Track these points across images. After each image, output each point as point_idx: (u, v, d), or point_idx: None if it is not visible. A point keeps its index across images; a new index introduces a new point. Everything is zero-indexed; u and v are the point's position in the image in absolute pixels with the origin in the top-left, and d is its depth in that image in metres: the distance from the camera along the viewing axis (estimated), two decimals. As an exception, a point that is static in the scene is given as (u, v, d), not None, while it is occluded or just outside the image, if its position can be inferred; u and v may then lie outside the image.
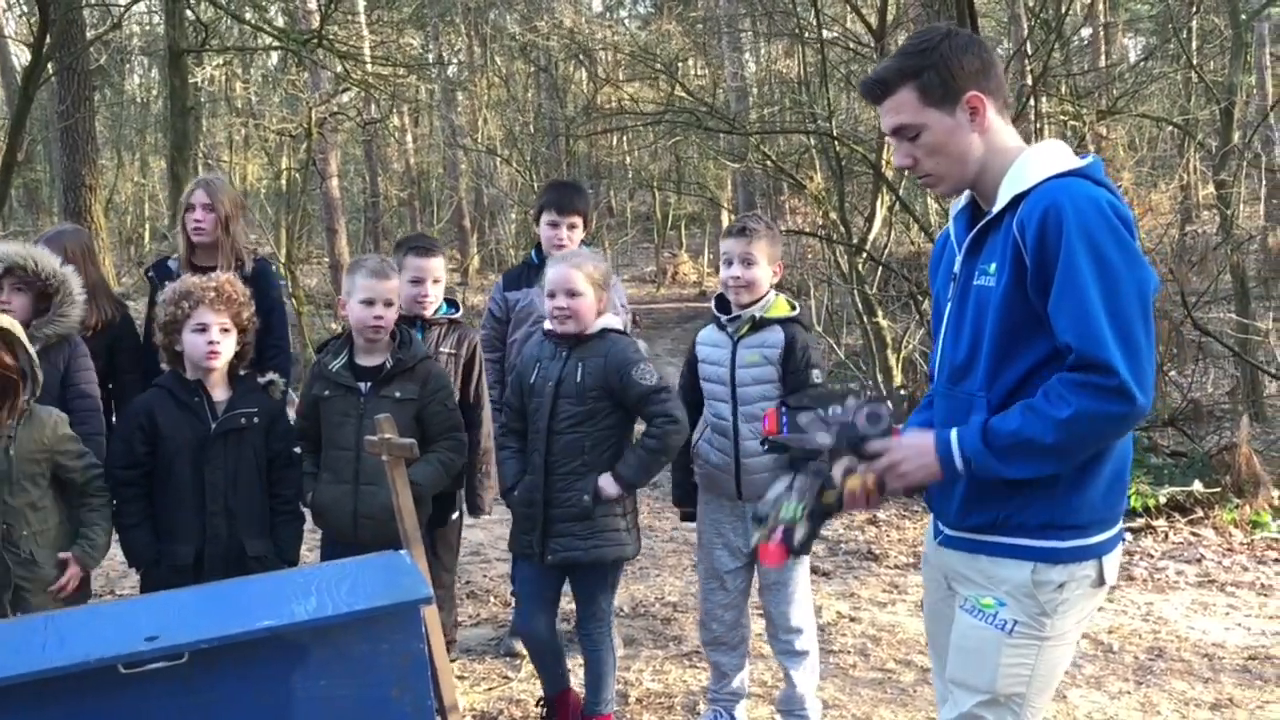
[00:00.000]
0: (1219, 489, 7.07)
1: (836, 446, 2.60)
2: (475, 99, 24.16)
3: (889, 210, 10.97)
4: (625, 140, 25.93)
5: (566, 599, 4.43)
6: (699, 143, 18.86)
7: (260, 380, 4.25)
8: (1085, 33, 18.64)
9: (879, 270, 10.90)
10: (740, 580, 4.33)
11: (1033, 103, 9.03)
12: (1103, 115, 11.65)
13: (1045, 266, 2.38)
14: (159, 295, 4.33)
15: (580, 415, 4.07)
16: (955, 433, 2.48)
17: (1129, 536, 6.70)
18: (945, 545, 2.67)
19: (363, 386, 4.22)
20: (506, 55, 24.30)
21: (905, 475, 2.55)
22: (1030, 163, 2.49)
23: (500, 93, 24.13)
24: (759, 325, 4.18)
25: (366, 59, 14.98)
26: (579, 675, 4.40)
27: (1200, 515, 6.96)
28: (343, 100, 17.87)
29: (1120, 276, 2.34)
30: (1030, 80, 9.38)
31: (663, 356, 15.00)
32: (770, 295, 4.23)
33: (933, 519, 2.76)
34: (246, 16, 13.62)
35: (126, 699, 2.67)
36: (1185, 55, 13.60)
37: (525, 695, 4.72)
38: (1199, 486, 7.07)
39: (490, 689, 4.85)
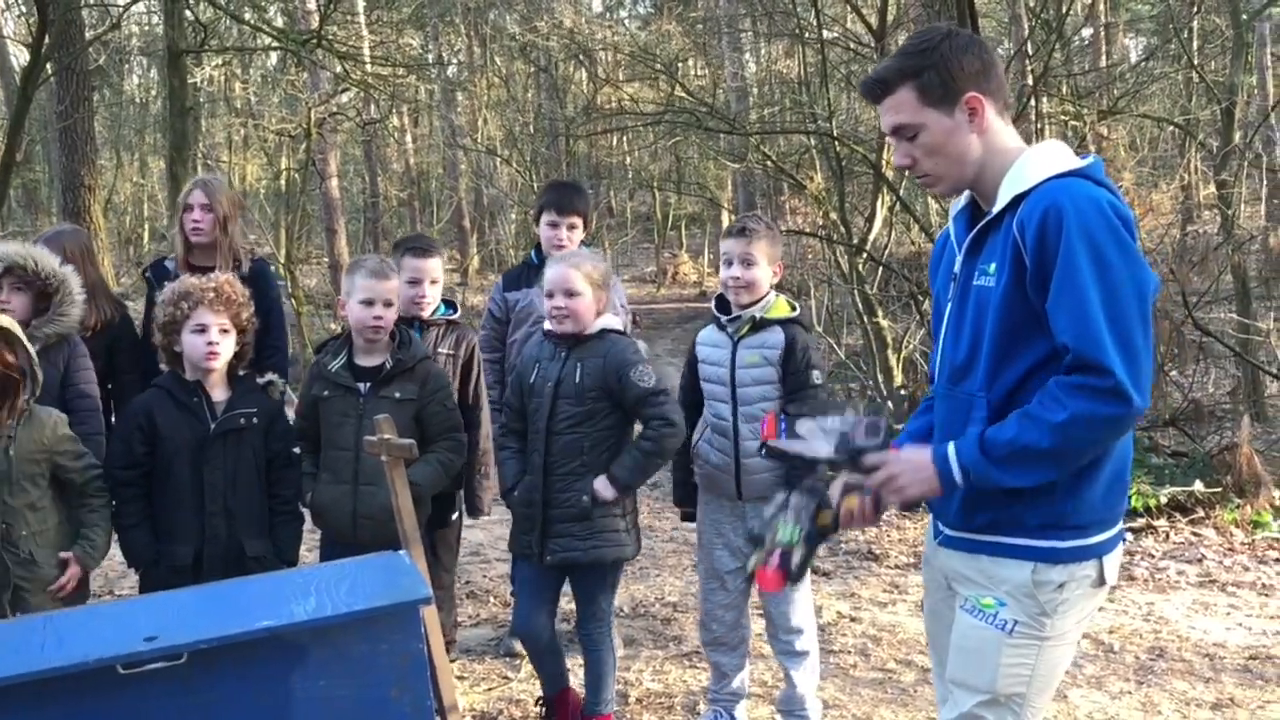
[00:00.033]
0: (1220, 489, 7.06)
1: (834, 458, 2.59)
2: (475, 99, 24.16)
3: (889, 210, 10.96)
4: (625, 140, 25.94)
5: (566, 599, 4.42)
6: (699, 143, 18.86)
7: (259, 380, 4.25)
8: (1086, 33, 18.63)
9: (879, 270, 10.89)
10: (740, 580, 4.31)
11: (1033, 103, 9.01)
12: (1103, 115, 11.64)
13: (1044, 266, 2.38)
14: (157, 295, 4.33)
15: (579, 416, 4.06)
16: (952, 445, 2.48)
17: (1130, 536, 6.70)
18: (945, 545, 2.66)
19: (362, 387, 4.21)
20: (506, 55, 24.30)
21: (903, 489, 2.55)
22: (1030, 163, 2.49)
23: (500, 93, 24.14)
24: (759, 326, 4.17)
25: (366, 59, 14.99)
26: (579, 675, 4.40)
27: (1201, 515, 6.96)
28: (342, 100, 17.88)
29: (1119, 277, 2.34)
30: (1031, 80, 9.37)
31: (663, 357, 14.97)
32: (770, 296, 4.22)
33: (932, 519, 2.75)
34: (245, 17, 13.63)
35: (125, 699, 2.67)
36: (1186, 55, 13.59)
37: (525, 695, 4.71)
38: (1200, 486, 7.06)
39: (490, 689, 4.84)
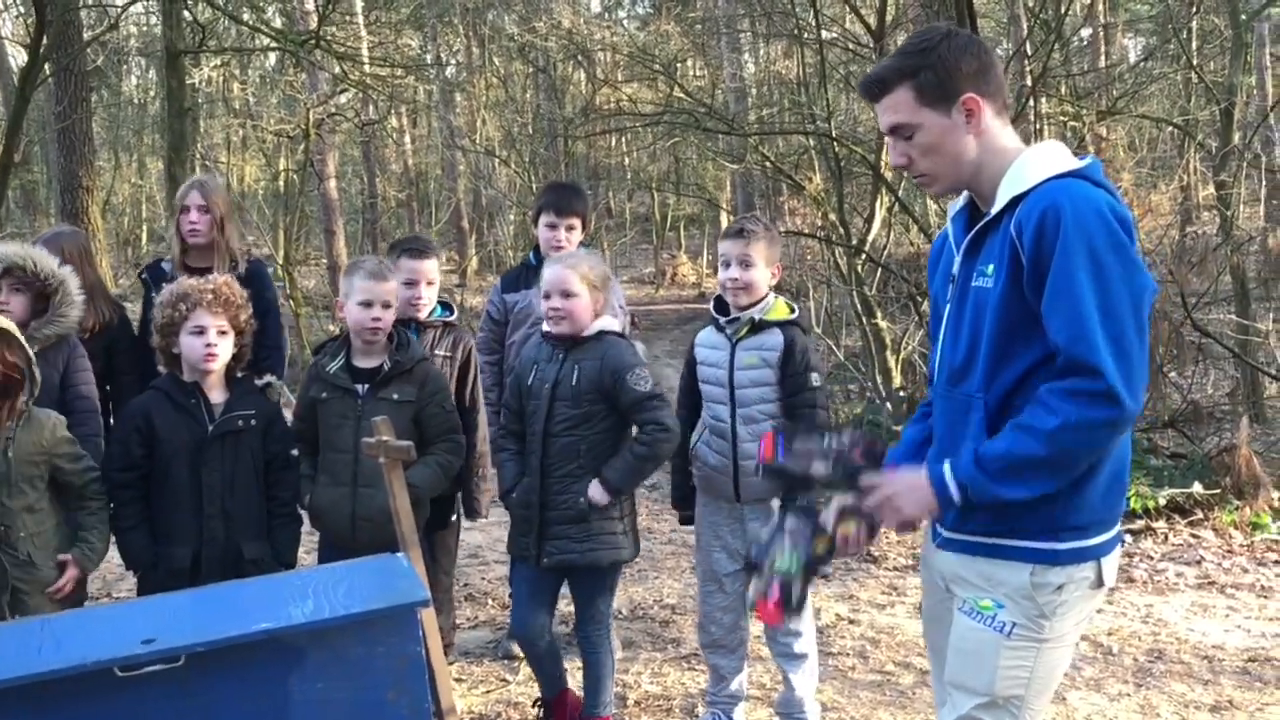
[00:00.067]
0: (1219, 490, 7.06)
1: (831, 477, 2.59)
2: (473, 100, 24.13)
3: (888, 211, 10.96)
4: (624, 141, 25.95)
5: (565, 601, 4.42)
6: (698, 144, 18.88)
7: (258, 382, 4.24)
8: (1085, 33, 18.61)
9: (878, 271, 10.89)
10: (738, 583, 4.29)
11: (1032, 103, 9.02)
12: (1102, 116, 11.64)
13: (1041, 266, 2.38)
14: (154, 297, 4.32)
15: (576, 418, 4.06)
16: (947, 463, 2.48)
17: (1129, 538, 6.69)
18: (943, 548, 2.66)
19: (360, 389, 4.20)
20: (505, 56, 24.26)
21: (900, 510, 2.55)
22: (1029, 164, 2.49)
23: (499, 93, 24.12)
24: (758, 328, 4.16)
25: (364, 60, 14.98)
26: (577, 678, 4.39)
27: (1200, 517, 6.95)
28: (340, 101, 17.87)
29: (1115, 279, 2.34)
30: (1030, 81, 9.37)
31: (661, 358, 14.97)
32: (770, 298, 4.21)
33: (931, 522, 2.74)
34: (244, 17, 13.64)
35: (123, 702, 2.67)
36: (1185, 56, 13.57)
37: (523, 698, 4.71)
38: (1199, 488, 7.05)
39: (488, 692, 4.83)
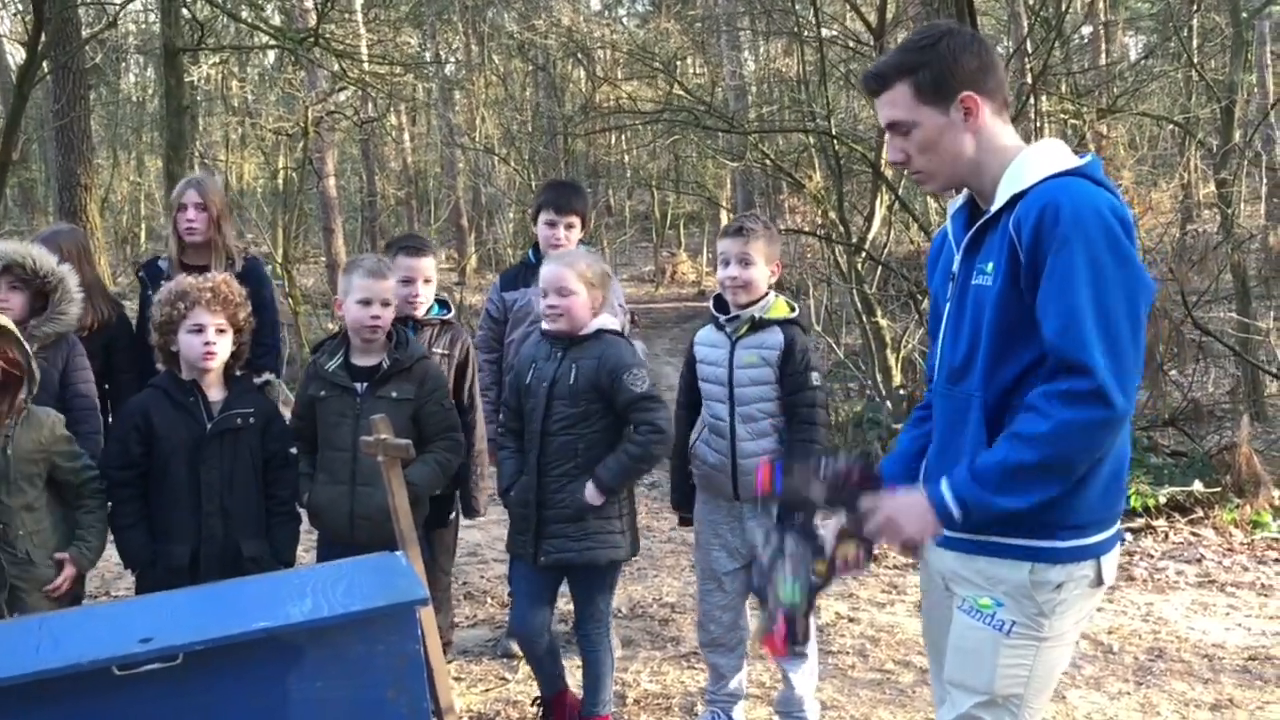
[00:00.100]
0: (1219, 489, 7.04)
1: (830, 502, 2.58)
2: (473, 98, 24.08)
3: (888, 209, 10.95)
4: (624, 139, 25.92)
5: (564, 599, 4.41)
6: (698, 142, 18.83)
7: (256, 380, 4.23)
8: (1085, 31, 18.61)
9: (878, 269, 10.88)
10: (738, 581, 4.29)
11: (1032, 101, 9.01)
12: (1103, 114, 11.64)
13: (1037, 264, 2.38)
14: (152, 295, 4.31)
15: (574, 417, 4.04)
16: (945, 481, 2.47)
17: (1129, 537, 6.69)
18: (943, 546, 2.65)
19: (359, 387, 4.19)
20: (504, 54, 24.23)
21: (901, 531, 2.53)
22: (1029, 162, 2.48)
23: (498, 91, 24.09)
24: (758, 326, 4.15)
25: (363, 57, 14.96)
26: (576, 676, 4.38)
27: (1200, 515, 6.95)
28: (340, 99, 17.84)
29: (1111, 278, 2.33)
30: (1030, 79, 9.37)
31: (661, 356, 14.97)
32: (770, 296, 4.20)
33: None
34: (242, 15, 13.60)
35: (121, 701, 2.67)
36: (1186, 53, 13.59)
37: (522, 696, 4.70)
38: (1199, 486, 7.05)
39: (487, 690, 4.83)
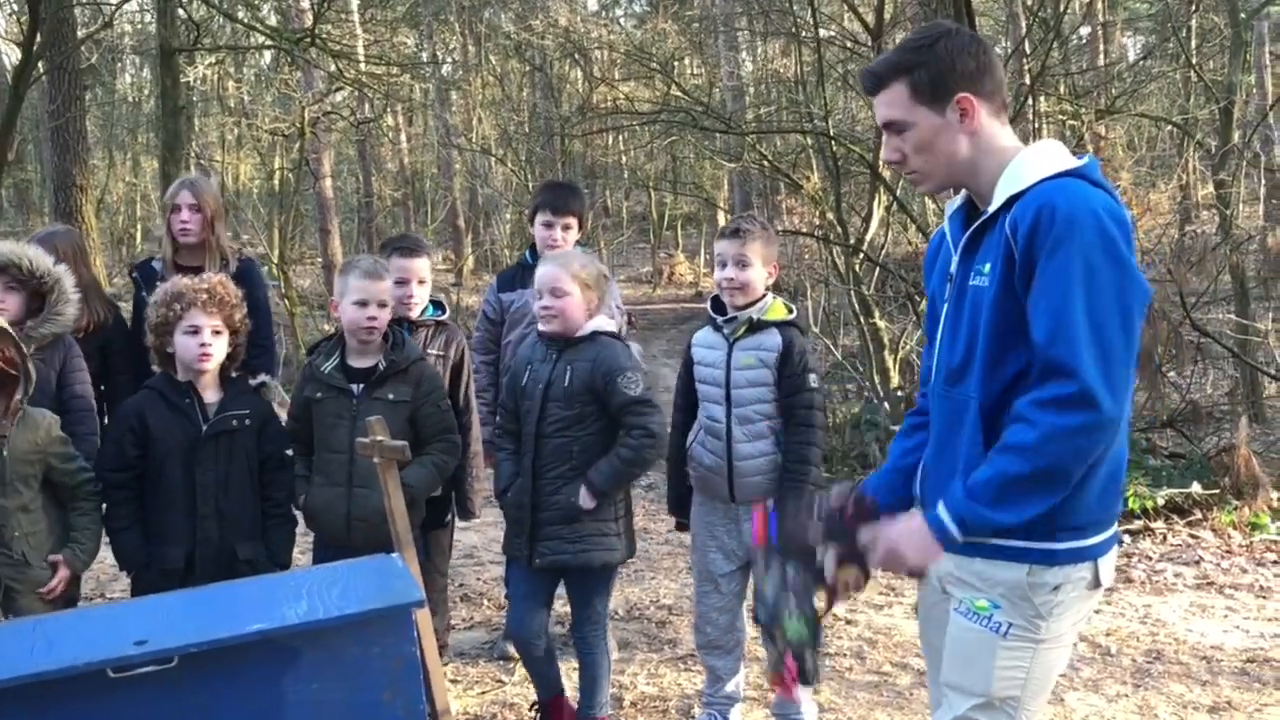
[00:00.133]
0: (1218, 491, 7.02)
1: (831, 541, 2.57)
2: (470, 98, 24.07)
3: (886, 210, 10.93)
4: (621, 140, 25.90)
5: (561, 601, 4.39)
6: (695, 142, 18.81)
7: (252, 382, 4.22)
8: (1084, 31, 18.59)
9: (876, 271, 10.86)
10: (734, 583, 4.29)
11: (1030, 102, 9.00)
12: (1101, 115, 11.63)
13: (1030, 264, 2.37)
14: (148, 295, 4.30)
15: (568, 419, 4.03)
16: (941, 504, 2.45)
17: (1127, 538, 6.67)
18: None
19: (355, 388, 4.17)
20: (501, 54, 24.23)
21: (904, 559, 2.50)
22: (1026, 163, 2.48)
23: (495, 92, 24.07)
24: (756, 327, 4.14)
25: (360, 58, 14.95)
26: (573, 679, 4.37)
27: (1199, 517, 6.93)
28: (336, 99, 17.82)
29: (1104, 282, 2.31)
30: (1028, 79, 9.35)
31: (659, 358, 14.96)
32: (768, 298, 4.19)
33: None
34: (239, 15, 13.60)
35: (115, 703, 2.66)
36: (1184, 54, 13.57)
37: (519, 699, 4.69)
38: (1198, 488, 7.02)
39: (484, 693, 4.81)
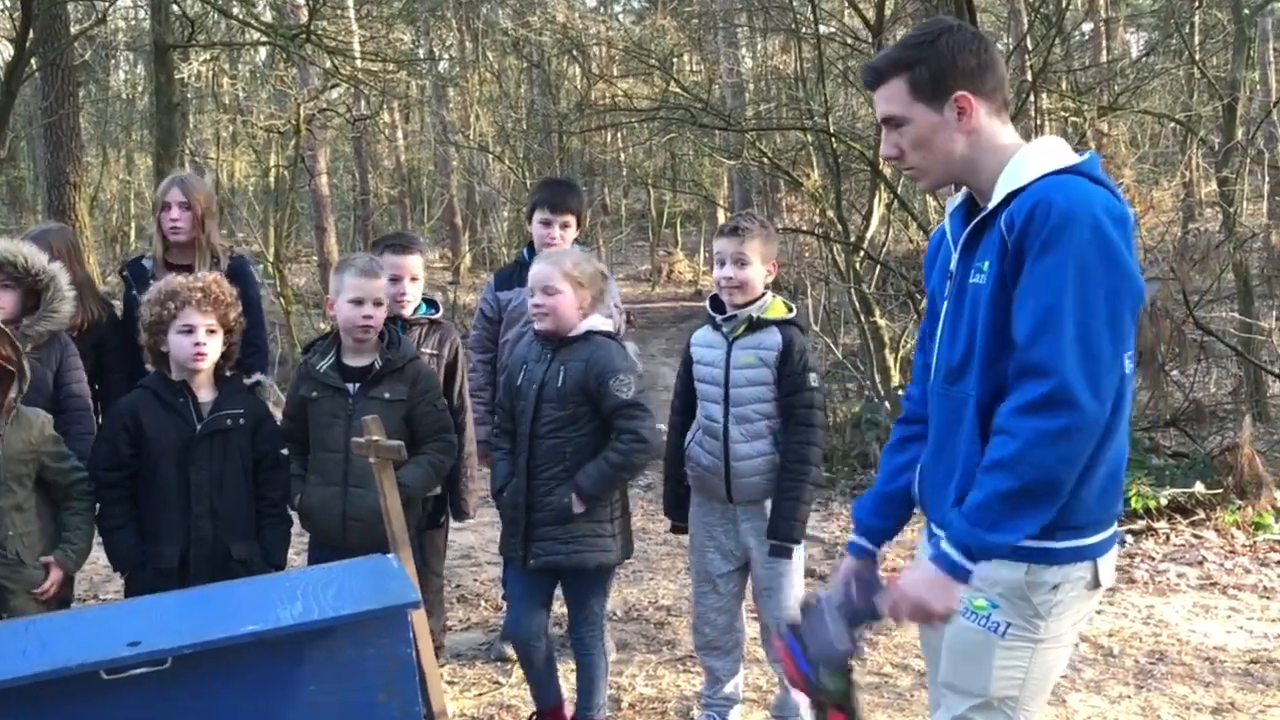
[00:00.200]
0: (1221, 490, 6.99)
1: (855, 636, 2.57)
2: (467, 95, 24.04)
3: (887, 208, 10.94)
4: (619, 137, 25.93)
5: (558, 603, 4.36)
6: (694, 139, 18.81)
7: (247, 381, 4.19)
8: (1086, 28, 18.60)
9: (877, 268, 10.86)
10: (733, 584, 4.27)
11: (1033, 99, 8.98)
12: (1104, 112, 11.61)
13: (1021, 261, 2.35)
14: (139, 293, 4.29)
15: (562, 420, 3.99)
16: (944, 540, 2.41)
17: (1130, 539, 6.65)
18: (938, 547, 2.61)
19: (351, 387, 4.15)
20: (498, 51, 24.21)
21: (930, 610, 2.43)
22: (1026, 160, 2.46)
23: (492, 89, 24.05)
24: (755, 326, 4.11)
25: (356, 54, 14.92)
26: (570, 681, 4.34)
27: (1202, 517, 6.89)
28: (332, 96, 17.76)
29: (1095, 281, 2.28)
30: (1030, 76, 9.34)
31: (658, 356, 14.95)
32: (767, 296, 4.16)
33: (927, 523, 2.72)
34: (233, 11, 13.56)
35: (108, 705, 2.65)
36: (1188, 51, 13.55)
37: (516, 701, 4.65)
38: (1201, 488, 6.99)
39: (480, 694, 4.78)
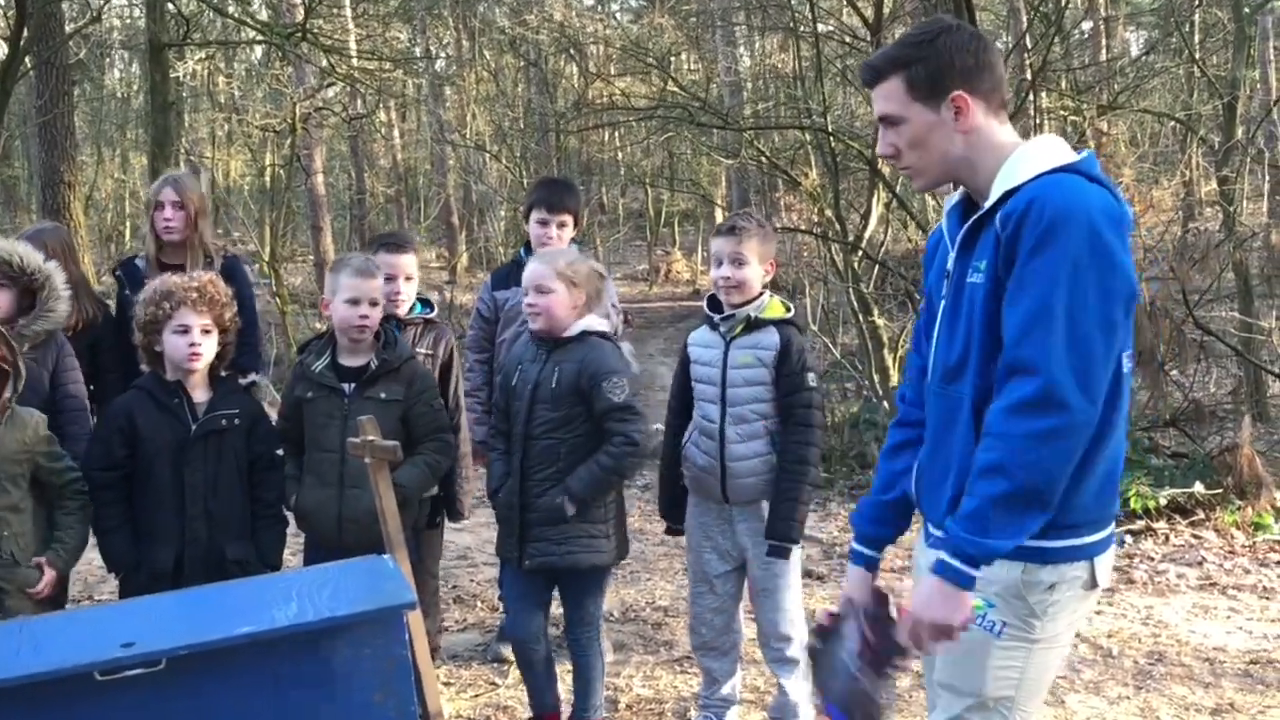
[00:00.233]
0: (1221, 490, 6.97)
1: (879, 675, 2.54)
2: (463, 94, 24.02)
3: (885, 207, 10.94)
4: (617, 136, 25.86)
5: (555, 603, 4.34)
6: (692, 138, 18.79)
7: (242, 381, 4.18)
8: (1085, 26, 18.58)
9: (875, 268, 10.86)
10: (730, 584, 4.25)
11: (1032, 98, 8.97)
12: (1103, 110, 11.62)
13: (1013, 259, 2.34)
14: (132, 293, 4.29)
15: (556, 421, 3.97)
16: (944, 550, 2.38)
17: (1129, 539, 6.65)
18: (935, 547, 2.59)
19: (346, 388, 4.13)
20: (495, 49, 24.15)
21: (948, 627, 2.40)
22: (1023, 159, 2.45)
23: (489, 87, 24.01)
24: (753, 326, 4.10)
25: (352, 53, 14.92)
26: (567, 682, 4.32)
27: (1201, 517, 6.88)
28: (328, 95, 17.73)
29: (1088, 281, 2.27)
30: (1029, 75, 9.34)
31: (655, 356, 14.92)
32: (765, 296, 4.14)
33: (924, 523, 2.71)
34: (229, 10, 13.55)
35: (102, 706, 2.64)
36: (1187, 49, 13.55)
37: (512, 702, 4.64)
38: (1200, 488, 6.98)
39: (477, 695, 4.76)
